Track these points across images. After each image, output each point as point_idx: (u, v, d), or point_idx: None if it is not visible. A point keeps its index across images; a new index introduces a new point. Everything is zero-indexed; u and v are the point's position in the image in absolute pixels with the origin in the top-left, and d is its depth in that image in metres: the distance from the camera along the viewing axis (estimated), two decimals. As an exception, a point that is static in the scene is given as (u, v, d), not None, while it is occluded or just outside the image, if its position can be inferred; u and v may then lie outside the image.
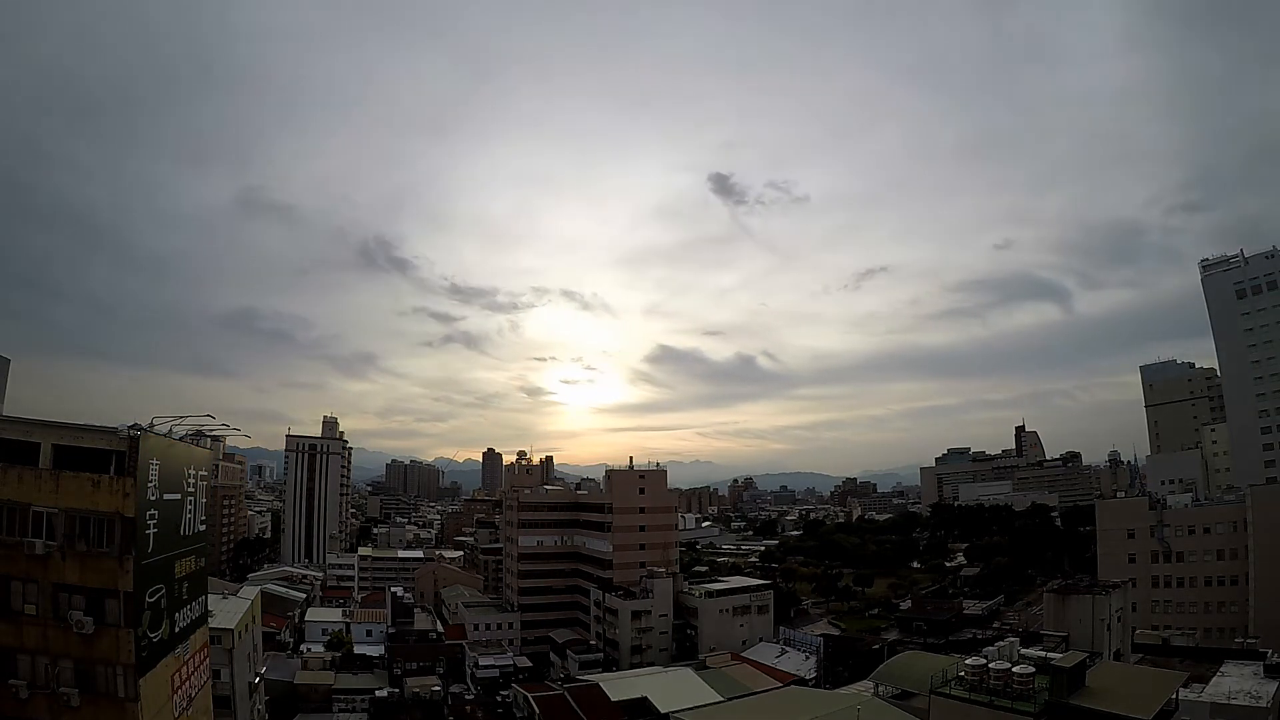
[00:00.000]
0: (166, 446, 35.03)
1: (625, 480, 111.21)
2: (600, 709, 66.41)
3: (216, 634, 46.59)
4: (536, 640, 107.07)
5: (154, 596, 32.74)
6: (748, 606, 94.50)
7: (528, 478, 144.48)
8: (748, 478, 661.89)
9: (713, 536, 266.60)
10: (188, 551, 37.66)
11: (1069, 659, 42.50)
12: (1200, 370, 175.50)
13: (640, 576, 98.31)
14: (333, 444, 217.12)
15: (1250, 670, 52.62)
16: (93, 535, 30.46)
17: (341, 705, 75.58)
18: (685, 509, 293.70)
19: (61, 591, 30.29)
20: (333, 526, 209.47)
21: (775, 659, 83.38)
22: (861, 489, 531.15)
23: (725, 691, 68.88)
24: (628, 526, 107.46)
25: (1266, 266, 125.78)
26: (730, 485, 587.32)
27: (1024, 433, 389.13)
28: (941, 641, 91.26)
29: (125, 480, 30.73)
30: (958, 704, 39.74)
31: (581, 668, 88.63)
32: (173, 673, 34.96)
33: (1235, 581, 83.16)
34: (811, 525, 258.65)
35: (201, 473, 40.27)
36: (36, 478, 30.48)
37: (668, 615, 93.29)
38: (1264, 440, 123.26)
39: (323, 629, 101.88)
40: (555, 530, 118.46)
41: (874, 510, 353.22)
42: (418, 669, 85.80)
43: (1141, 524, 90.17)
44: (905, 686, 49.85)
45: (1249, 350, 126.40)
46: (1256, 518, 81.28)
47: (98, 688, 30.49)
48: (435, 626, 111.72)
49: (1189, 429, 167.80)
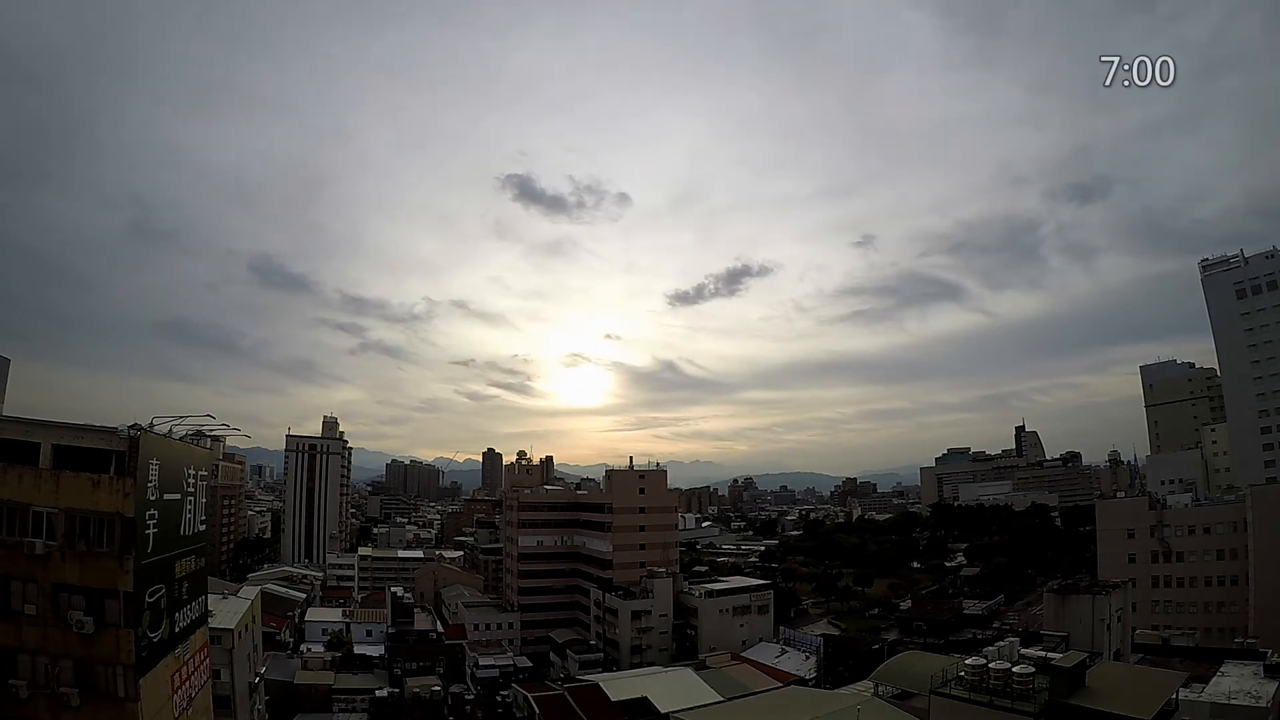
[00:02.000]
0: (166, 446, 35.06)
1: (625, 480, 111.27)
2: (600, 709, 66.47)
3: (216, 634, 46.57)
4: (536, 640, 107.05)
5: (154, 596, 32.75)
6: (748, 606, 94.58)
7: (528, 478, 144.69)
8: (748, 478, 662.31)
9: (713, 536, 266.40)
10: (188, 551, 37.68)
11: (1069, 659, 42.49)
12: (1200, 370, 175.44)
13: (640, 576, 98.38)
14: (333, 444, 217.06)
15: (1250, 670, 52.61)
16: (93, 535, 30.46)
17: (341, 705, 75.51)
18: (685, 509, 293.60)
19: (61, 591, 30.27)
20: (333, 526, 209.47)
21: (775, 659, 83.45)
22: (861, 489, 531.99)
23: (725, 691, 68.93)
24: (628, 526, 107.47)
25: (1266, 266, 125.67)
26: (730, 485, 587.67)
27: (1024, 433, 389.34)
28: (941, 641, 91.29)
29: (125, 480, 30.75)
30: (958, 704, 39.73)
31: (581, 668, 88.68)
32: (173, 673, 34.98)
33: (1235, 581, 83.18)
34: (811, 525, 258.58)
35: (201, 473, 40.30)
36: (36, 478, 30.48)
37: (668, 615, 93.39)
38: (1264, 440, 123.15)
39: (323, 629, 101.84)
40: (555, 530, 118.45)
41: (874, 510, 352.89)
42: (418, 669, 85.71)
43: (1141, 524, 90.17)
44: (905, 686, 49.87)
45: (1249, 350, 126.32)
46: (1256, 518, 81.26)
47: (98, 688, 30.48)
48: (435, 626, 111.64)
49: (1189, 429, 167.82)
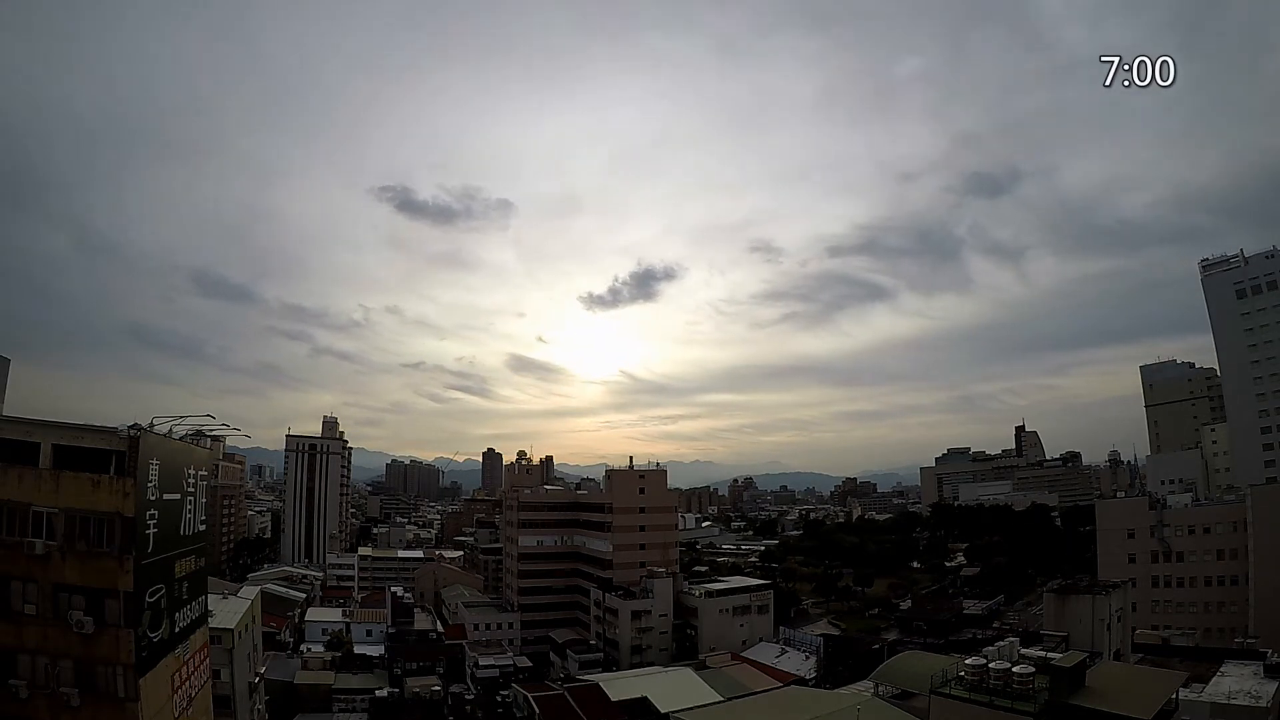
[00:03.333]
0: (166, 446, 35.05)
1: (625, 480, 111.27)
2: (600, 709, 66.47)
3: (216, 634, 46.53)
4: (536, 640, 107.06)
5: (154, 596, 32.73)
6: (748, 606, 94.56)
7: (528, 478, 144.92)
8: (748, 478, 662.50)
9: (713, 536, 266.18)
10: (188, 551, 37.66)
11: (1069, 659, 42.53)
12: (1200, 370, 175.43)
13: (640, 576, 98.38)
14: (333, 444, 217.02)
15: (1250, 670, 52.66)
16: (93, 535, 30.43)
17: (341, 705, 75.52)
18: (685, 509, 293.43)
19: (61, 591, 30.24)
20: (333, 526, 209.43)
21: (775, 659, 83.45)
22: (861, 489, 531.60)
23: (725, 691, 68.98)
24: (628, 526, 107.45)
25: (1266, 266, 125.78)
26: (730, 485, 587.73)
27: (1024, 432, 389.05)
28: (941, 641, 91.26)
29: (125, 480, 30.72)
30: (958, 704, 39.75)
31: (581, 668, 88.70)
32: (173, 673, 34.94)
33: (1235, 581, 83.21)
34: (811, 525, 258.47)
35: (201, 473, 40.28)
36: (36, 478, 30.45)
37: (668, 615, 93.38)
38: (1264, 440, 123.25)
39: (323, 629, 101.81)
40: (555, 530, 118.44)
41: (874, 510, 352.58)
42: (418, 669, 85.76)
43: (1141, 524, 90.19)
44: (905, 686, 49.91)
45: (1249, 350, 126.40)
46: (1256, 518, 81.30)
47: (98, 688, 30.45)
48: (435, 626, 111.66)
49: (1189, 429, 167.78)
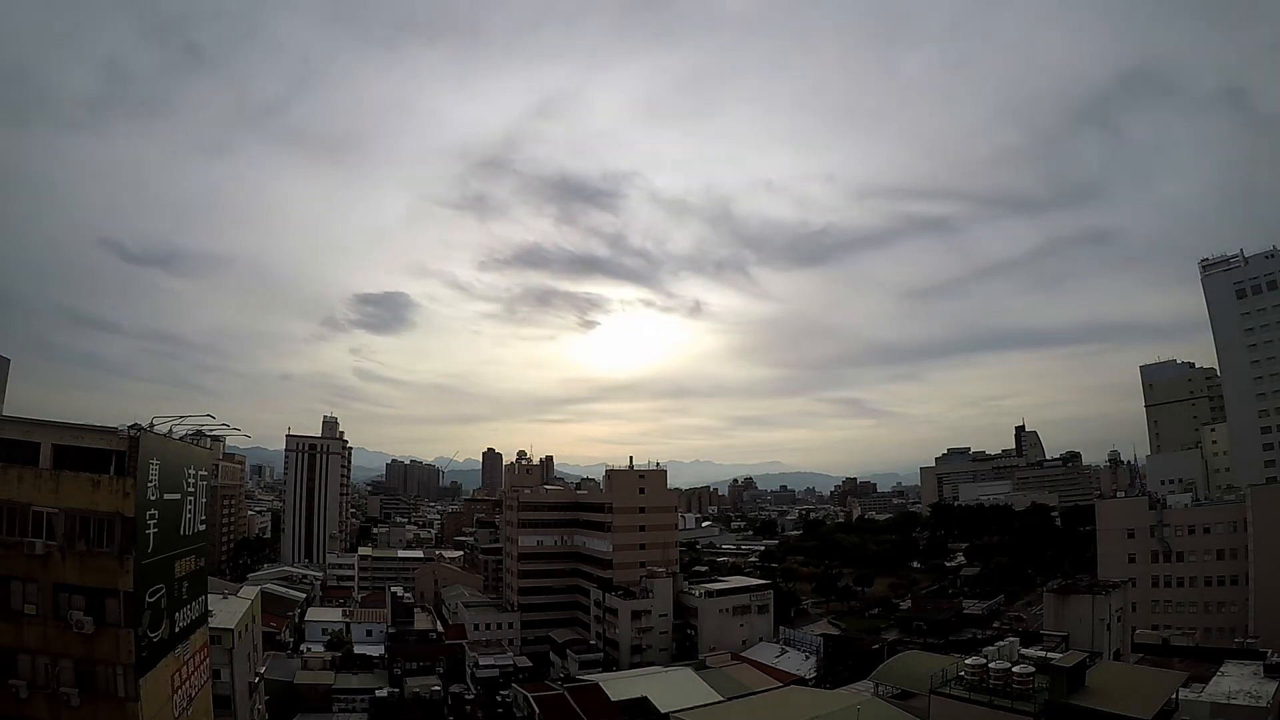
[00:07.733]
0: (166, 446, 35.06)
1: (625, 480, 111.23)
2: (600, 709, 66.45)
3: (216, 634, 46.52)
4: (536, 640, 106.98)
5: (154, 596, 32.75)
6: (748, 606, 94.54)
7: (528, 478, 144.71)
8: (748, 478, 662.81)
9: (713, 536, 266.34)
10: (188, 551, 37.68)
11: (1069, 659, 42.53)
12: (1200, 370, 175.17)
13: (640, 576, 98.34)
14: (333, 444, 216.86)
15: (1250, 670, 52.58)
16: (93, 535, 30.46)
17: (341, 705, 75.44)
18: (685, 509, 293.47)
19: (62, 591, 30.28)
20: (333, 526, 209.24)
21: (775, 659, 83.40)
22: (861, 489, 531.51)
23: (725, 691, 68.97)
24: (628, 526, 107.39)
25: (1266, 266, 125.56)
26: (730, 485, 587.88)
27: (1024, 432, 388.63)
28: (941, 641, 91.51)
29: (125, 480, 30.74)
30: (958, 704, 39.78)
31: (581, 668, 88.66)
32: (173, 672, 34.96)
33: (1235, 581, 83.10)
34: (811, 525, 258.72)
35: (201, 473, 40.30)
36: (36, 478, 30.48)
37: (668, 615, 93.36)
38: (1264, 440, 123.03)
39: (323, 629, 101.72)
40: (555, 530, 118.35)
41: (874, 510, 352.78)
42: (418, 669, 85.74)
43: (1141, 524, 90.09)
44: (905, 686, 49.95)
45: (1249, 350, 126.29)
46: (1256, 518, 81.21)
47: (98, 687, 30.47)
48: (435, 626, 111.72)
49: (1189, 429, 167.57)
